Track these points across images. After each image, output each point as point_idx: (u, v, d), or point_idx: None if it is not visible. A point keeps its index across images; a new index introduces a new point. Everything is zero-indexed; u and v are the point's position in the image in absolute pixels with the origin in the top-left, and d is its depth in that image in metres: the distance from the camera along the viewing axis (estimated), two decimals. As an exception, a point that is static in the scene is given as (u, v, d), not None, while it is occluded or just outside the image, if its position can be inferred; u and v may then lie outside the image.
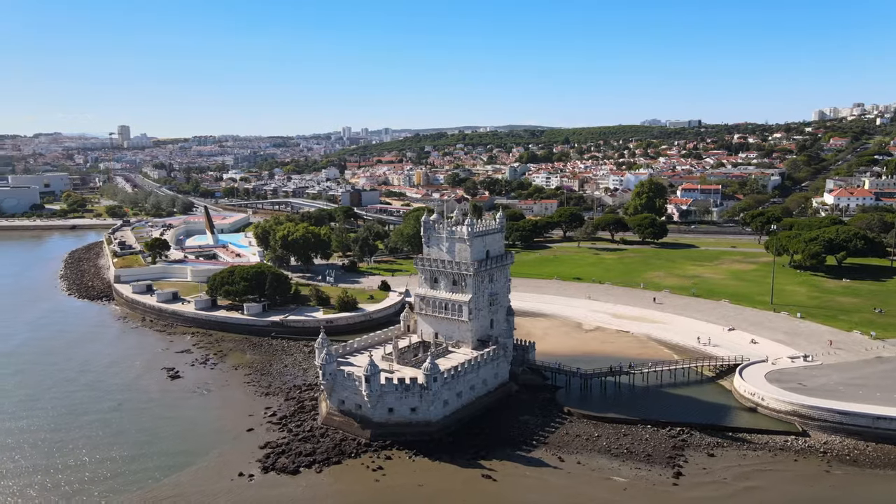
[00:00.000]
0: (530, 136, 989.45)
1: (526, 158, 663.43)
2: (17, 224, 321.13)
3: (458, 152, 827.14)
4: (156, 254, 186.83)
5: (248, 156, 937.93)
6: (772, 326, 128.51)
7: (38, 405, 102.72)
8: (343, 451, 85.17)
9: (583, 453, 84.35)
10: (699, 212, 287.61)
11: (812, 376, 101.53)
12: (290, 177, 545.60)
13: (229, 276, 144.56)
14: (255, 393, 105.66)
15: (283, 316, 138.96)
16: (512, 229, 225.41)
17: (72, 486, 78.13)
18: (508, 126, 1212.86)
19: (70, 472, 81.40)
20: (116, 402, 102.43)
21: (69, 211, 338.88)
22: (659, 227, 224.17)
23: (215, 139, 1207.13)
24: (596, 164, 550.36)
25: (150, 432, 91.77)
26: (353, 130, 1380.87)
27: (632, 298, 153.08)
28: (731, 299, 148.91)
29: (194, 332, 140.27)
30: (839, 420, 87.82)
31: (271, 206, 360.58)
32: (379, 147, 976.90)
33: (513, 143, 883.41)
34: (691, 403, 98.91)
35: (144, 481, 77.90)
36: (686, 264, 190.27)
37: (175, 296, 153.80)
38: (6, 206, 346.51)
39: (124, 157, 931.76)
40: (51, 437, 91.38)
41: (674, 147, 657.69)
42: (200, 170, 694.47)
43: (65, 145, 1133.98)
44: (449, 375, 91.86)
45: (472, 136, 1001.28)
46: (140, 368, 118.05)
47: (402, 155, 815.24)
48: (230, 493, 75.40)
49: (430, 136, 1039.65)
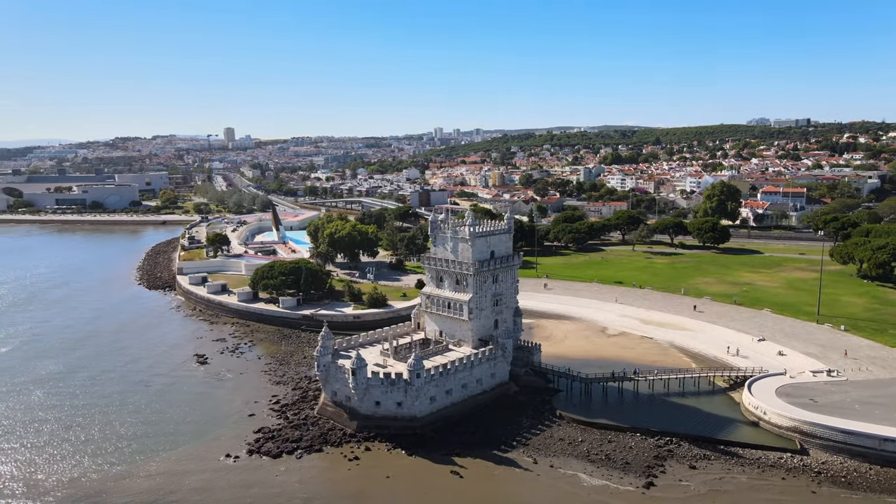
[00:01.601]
0: (621, 136, 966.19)
1: (610, 160, 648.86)
2: (117, 219, 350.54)
3: (544, 153, 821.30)
4: (216, 248, 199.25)
5: (340, 156, 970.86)
6: (807, 338, 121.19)
7: (71, 379, 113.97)
8: (327, 440, 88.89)
9: (560, 457, 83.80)
10: (776, 216, 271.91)
11: (829, 392, 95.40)
12: (371, 176, 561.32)
13: (269, 270, 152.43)
14: (267, 381, 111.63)
15: (314, 310, 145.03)
16: (565, 231, 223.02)
17: (70, 456, 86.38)
18: (603, 126, 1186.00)
19: (75, 443, 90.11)
20: (143, 383, 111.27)
21: (162, 207, 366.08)
22: (720, 231, 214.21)
23: (311, 140, 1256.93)
24: (682, 166, 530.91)
25: (161, 412, 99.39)
26: (444, 131, 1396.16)
27: (668, 305, 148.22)
28: (774, 309, 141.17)
29: (235, 322, 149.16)
30: (842, 439, 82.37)
31: (344, 204, 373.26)
32: (465, 148, 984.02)
33: (601, 143, 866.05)
34: (691, 414, 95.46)
35: (134, 458, 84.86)
36: (741, 271, 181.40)
37: (223, 288, 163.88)
38: (109, 202, 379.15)
39: (227, 158, 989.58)
40: (71, 405, 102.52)
41: (773, 147, 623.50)
42: (292, 169, 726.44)
43: (177, 146, 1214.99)
44: (436, 373, 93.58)
45: (561, 136, 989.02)
46: (175, 353, 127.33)
47: (486, 156, 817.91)
48: (210, 472, 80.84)
49: (517, 137, 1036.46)
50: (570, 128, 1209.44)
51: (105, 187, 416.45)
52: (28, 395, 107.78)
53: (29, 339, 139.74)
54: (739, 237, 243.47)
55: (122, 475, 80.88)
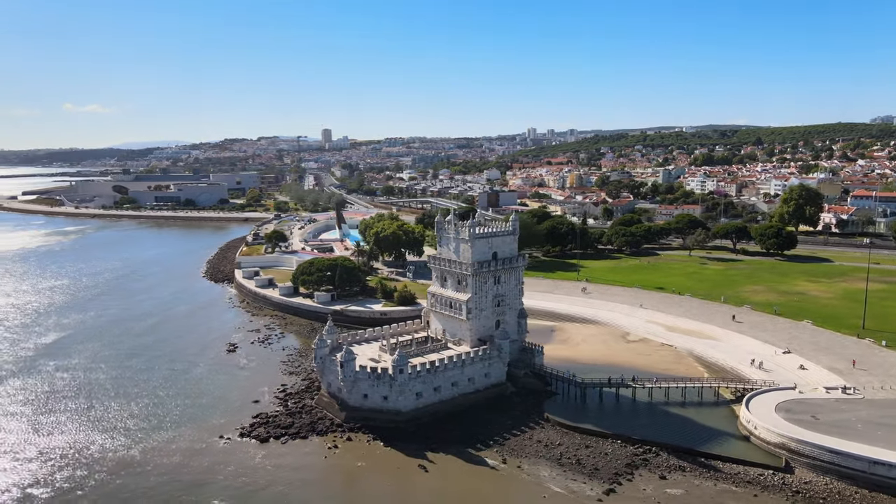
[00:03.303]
0: (720, 136, 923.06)
1: (701, 161, 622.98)
2: (205, 215, 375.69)
3: (634, 154, 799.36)
4: (274, 244, 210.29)
5: (430, 157, 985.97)
6: (839, 353, 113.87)
7: (100, 359, 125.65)
8: (314, 429, 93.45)
9: (530, 459, 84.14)
10: (861, 222, 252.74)
11: (836, 410, 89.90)
12: (452, 177, 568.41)
13: (308, 266, 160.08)
14: (282, 371, 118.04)
15: (345, 306, 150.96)
16: (618, 234, 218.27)
17: (80, 425, 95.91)
18: (708, 126, 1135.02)
19: (88, 412, 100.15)
20: (168, 367, 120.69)
21: (246, 205, 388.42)
22: (785, 237, 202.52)
23: (403, 141, 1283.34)
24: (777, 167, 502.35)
25: (175, 394, 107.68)
26: (537, 132, 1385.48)
27: (703, 313, 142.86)
28: (815, 321, 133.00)
29: (275, 314, 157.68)
30: (830, 459, 77.81)
31: (414, 204, 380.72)
32: (554, 148, 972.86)
33: (697, 144, 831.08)
34: (683, 424, 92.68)
35: (135, 434, 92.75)
36: (798, 280, 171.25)
37: (270, 282, 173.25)
38: (200, 200, 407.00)
39: (321, 158, 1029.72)
40: (95, 380, 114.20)
41: (887, 148, 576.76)
42: (379, 169, 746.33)
43: (279, 147, 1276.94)
44: (423, 369, 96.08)
45: (654, 136, 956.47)
46: (209, 341, 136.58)
47: (574, 156, 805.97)
48: (197, 451, 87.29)
49: (608, 138, 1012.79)
50: (669, 128, 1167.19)
51: (198, 186, 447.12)
52: (57, 370, 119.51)
53: (81, 323, 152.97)
54: (814, 244, 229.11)
55: (119, 447, 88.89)
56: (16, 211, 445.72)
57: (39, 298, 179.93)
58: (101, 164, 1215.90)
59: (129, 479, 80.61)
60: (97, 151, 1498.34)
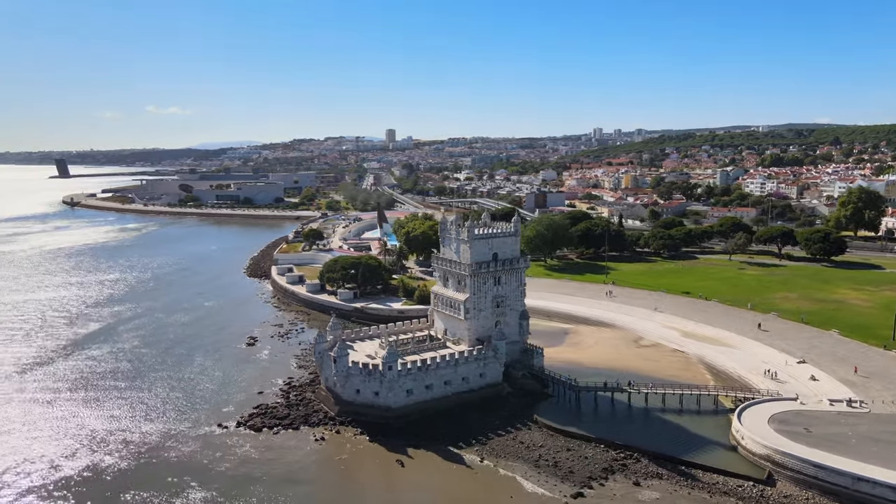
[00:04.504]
0: (795, 136, 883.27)
1: (769, 161, 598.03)
2: (261, 214, 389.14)
3: (701, 154, 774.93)
4: (311, 242, 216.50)
5: (491, 157, 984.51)
6: (858, 364, 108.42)
7: (133, 346, 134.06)
8: (307, 421, 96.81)
9: (509, 459, 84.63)
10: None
11: (833, 423, 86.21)
12: (508, 178, 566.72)
13: (334, 264, 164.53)
14: (293, 365, 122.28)
15: (366, 303, 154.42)
16: (655, 237, 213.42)
17: (91, 409, 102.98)
18: (786, 125, 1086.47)
19: (103, 397, 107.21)
20: (187, 358, 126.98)
21: (299, 204, 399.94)
22: (833, 242, 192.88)
23: (465, 141, 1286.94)
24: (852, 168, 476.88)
25: (187, 381, 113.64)
26: (603, 132, 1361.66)
27: (726, 319, 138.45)
28: (843, 330, 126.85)
29: (301, 310, 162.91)
30: (813, 473, 75.02)
31: (461, 204, 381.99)
32: (616, 149, 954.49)
33: (769, 143, 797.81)
34: (672, 431, 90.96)
35: (137, 418, 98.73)
36: (840, 287, 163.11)
37: (300, 279, 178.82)
38: (257, 199, 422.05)
39: (384, 158, 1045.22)
40: (118, 368, 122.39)
41: None
42: (437, 170, 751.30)
43: (344, 147, 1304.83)
44: (413, 367, 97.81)
45: (724, 136, 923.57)
46: (232, 334, 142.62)
47: (637, 157, 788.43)
48: (192, 436, 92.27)
49: (674, 138, 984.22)
50: (742, 127, 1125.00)
51: (256, 185, 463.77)
52: (81, 358, 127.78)
53: (116, 315, 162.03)
54: (871, 250, 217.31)
55: (117, 430, 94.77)
56: (92, 208, 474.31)
57: (100, 289, 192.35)
58: (178, 163, 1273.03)
59: (113, 460, 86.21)
60: (176, 152, 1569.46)
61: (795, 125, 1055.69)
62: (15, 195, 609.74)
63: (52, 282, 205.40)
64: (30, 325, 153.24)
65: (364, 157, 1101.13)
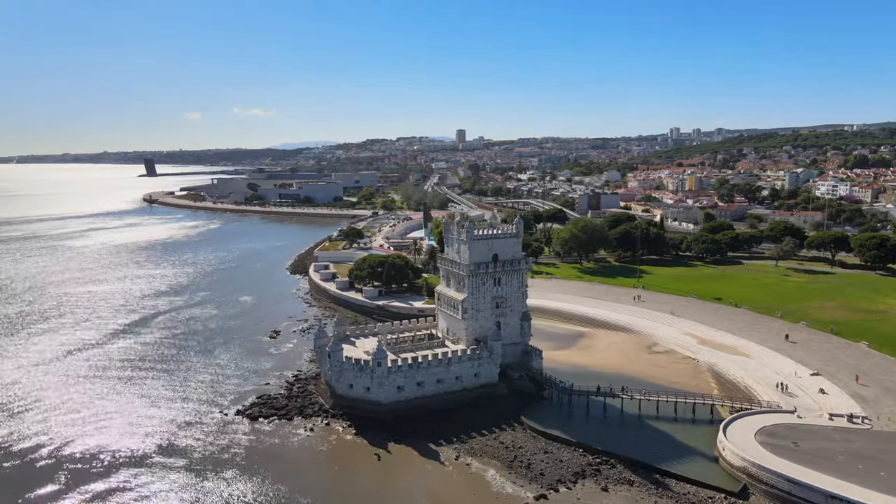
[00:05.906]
0: (888, 135, 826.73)
1: (852, 163, 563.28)
2: (319, 212, 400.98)
3: (780, 155, 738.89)
4: (351, 241, 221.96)
5: (560, 157, 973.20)
6: (878, 378, 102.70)
7: (164, 336, 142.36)
8: (302, 412, 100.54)
9: (484, 458, 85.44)
10: None
11: (825, 438, 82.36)
12: (570, 179, 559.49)
13: (362, 262, 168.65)
14: (305, 359, 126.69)
15: (388, 301, 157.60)
16: (697, 241, 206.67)
17: (110, 382, 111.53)
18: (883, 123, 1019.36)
19: (121, 371, 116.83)
20: (212, 347, 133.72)
21: (355, 203, 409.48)
22: (890, 249, 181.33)
23: (535, 141, 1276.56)
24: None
25: (205, 369, 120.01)
26: (681, 131, 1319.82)
27: (750, 327, 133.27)
28: (873, 343, 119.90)
29: (329, 306, 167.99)
30: (787, 489, 72.24)
31: (513, 205, 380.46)
32: (690, 149, 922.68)
33: (858, 143, 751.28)
34: (655, 439, 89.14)
35: (148, 400, 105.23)
36: (889, 298, 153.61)
37: (333, 276, 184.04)
38: (317, 197, 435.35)
39: (452, 158, 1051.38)
40: (145, 354, 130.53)
41: None
42: (503, 170, 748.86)
43: (415, 147, 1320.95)
44: (404, 364, 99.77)
45: (808, 136, 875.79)
46: (259, 326, 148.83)
47: (712, 157, 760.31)
48: (192, 421, 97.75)
49: (754, 137, 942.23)
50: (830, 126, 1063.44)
51: (317, 184, 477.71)
52: (113, 346, 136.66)
53: (156, 307, 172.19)
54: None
55: (122, 411, 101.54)
56: (168, 205, 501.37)
57: (150, 283, 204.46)
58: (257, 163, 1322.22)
59: (106, 439, 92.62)
60: (256, 152, 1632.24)
61: (892, 123, 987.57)
62: (104, 192, 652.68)
63: (112, 275, 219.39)
64: (80, 314, 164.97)
65: (433, 157, 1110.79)
